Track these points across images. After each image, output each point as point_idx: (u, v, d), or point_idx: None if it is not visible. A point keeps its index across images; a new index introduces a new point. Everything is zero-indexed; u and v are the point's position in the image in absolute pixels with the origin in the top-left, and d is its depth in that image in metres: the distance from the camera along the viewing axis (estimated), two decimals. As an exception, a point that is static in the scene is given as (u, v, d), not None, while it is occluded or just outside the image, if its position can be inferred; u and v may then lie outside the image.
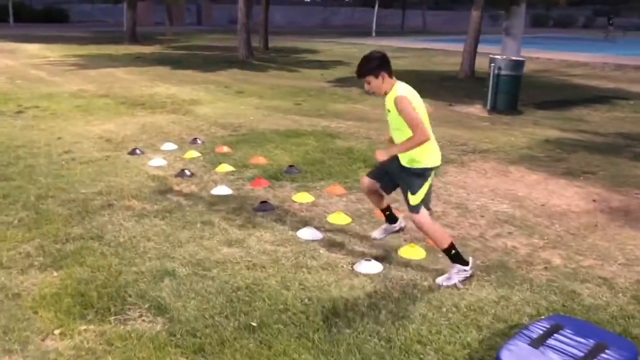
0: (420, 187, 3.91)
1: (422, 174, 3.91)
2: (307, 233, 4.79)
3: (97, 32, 32.77)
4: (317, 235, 4.77)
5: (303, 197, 5.63)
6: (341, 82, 14.82)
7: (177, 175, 6.29)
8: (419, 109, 3.81)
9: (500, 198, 5.85)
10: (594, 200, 5.83)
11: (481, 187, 6.18)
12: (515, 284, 3.99)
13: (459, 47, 26.77)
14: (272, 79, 15.16)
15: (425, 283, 3.96)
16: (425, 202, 3.99)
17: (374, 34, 37.70)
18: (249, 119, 9.56)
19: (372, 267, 4.20)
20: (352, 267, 4.20)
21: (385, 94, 3.87)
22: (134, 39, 26.52)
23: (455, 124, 9.68)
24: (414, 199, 3.93)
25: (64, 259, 4.19)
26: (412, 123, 3.72)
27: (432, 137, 3.88)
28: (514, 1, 16.78)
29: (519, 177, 6.60)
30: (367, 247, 4.56)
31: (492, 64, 10.97)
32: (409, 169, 3.91)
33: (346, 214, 5.22)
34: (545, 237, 4.86)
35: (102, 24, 44.90)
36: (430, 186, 4.02)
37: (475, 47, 15.29)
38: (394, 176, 4.07)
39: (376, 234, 4.62)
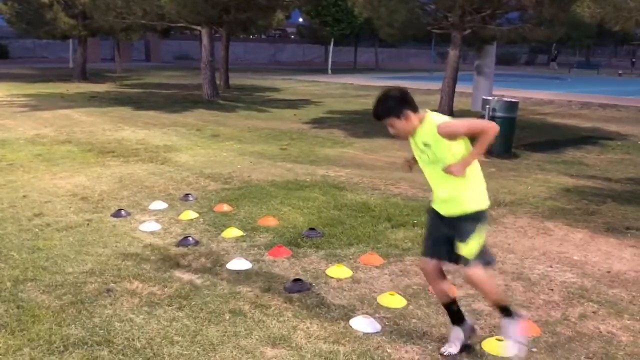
0: (472, 232, 3.24)
1: (477, 218, 3.27)
2: (362, 323, 3.91)
3: (42, 69, 31.23)
4: (375, 326, 3.90)
5: (339, 272, 4.74)
6: (318, 123, 14.12)
7: (179, 244, 5.31)
8: None
9: (558, 264, 5.14)
10: (658, 264, 5.20)
11: (530, 251, 5.46)
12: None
13: (420, 84, 26.77)
14: (245, 120, 14.28)
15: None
16: (483, 254, 3.29)
17: (329, 71, 37.45)
18: (237, 168, 8.64)
19: (465, 372, 3.37)
20: (437, 373, 3.36)
21: (415, 130, 3.29)
22: (84, 76, 25.23)
23: (459, 170, 9.03)
24: (468, 250, 3.25)
25: (67, 378, 3.18)
26: (473, 127, 3.21)
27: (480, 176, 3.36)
28: (486, 40, 16.64)
29: (563, 235, 5.93)
30: (440, 343, 3.72)
31: (487, 106, 10.48)
32: (463, 216, 3.26)
33: (398, 293, 4.38)
34: (638, 317, 4.16)
35: (44, 60, 43.15)
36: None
37: (454, 86, 14.87)
38: (449, 236, 3.34)
39: (451, 349, 3.52)
